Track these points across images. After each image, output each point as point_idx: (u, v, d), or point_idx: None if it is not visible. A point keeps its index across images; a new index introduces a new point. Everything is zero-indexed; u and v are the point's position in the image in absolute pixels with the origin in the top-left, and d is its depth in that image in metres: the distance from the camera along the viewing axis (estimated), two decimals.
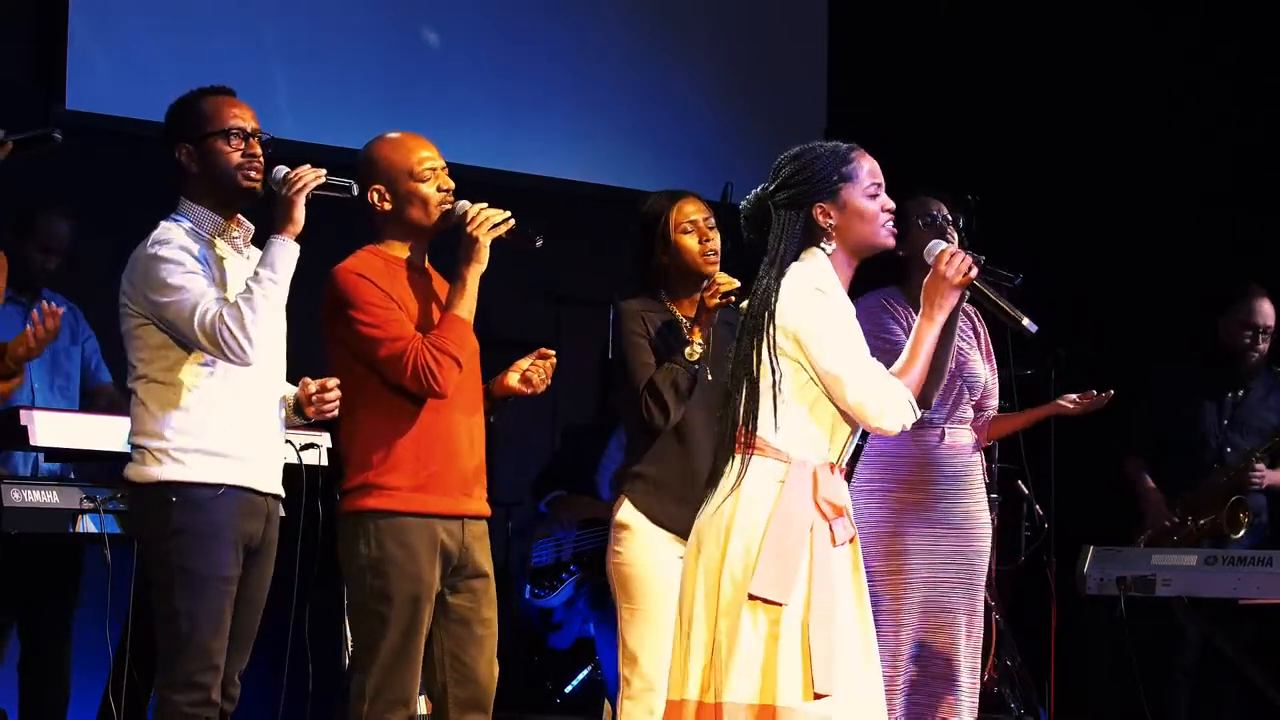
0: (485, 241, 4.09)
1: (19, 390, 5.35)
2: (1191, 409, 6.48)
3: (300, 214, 4.03)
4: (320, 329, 4.19)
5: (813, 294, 3.55)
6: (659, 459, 4.54)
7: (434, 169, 4.15)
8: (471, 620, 4.18)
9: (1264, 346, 6.41)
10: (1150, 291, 7.42)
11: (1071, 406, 5.32)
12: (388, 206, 4.16)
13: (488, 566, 4.22)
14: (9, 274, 5.66)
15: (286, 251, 4.02)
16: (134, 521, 4.17)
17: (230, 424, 4.05)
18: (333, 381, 4.18)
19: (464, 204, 4.14)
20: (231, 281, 4.06)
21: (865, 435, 3.90)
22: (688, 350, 4.48)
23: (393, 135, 4.22)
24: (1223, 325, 6.43)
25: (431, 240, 4.23)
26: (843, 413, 3.56)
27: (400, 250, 4.18)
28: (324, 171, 4.08)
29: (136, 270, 4.05)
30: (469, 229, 4.10)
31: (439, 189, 4.14)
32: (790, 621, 3.47)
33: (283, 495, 4.24)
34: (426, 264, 4.25)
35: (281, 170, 4.07)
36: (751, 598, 3.48)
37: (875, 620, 3.71)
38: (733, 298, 4.46)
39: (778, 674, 3.46)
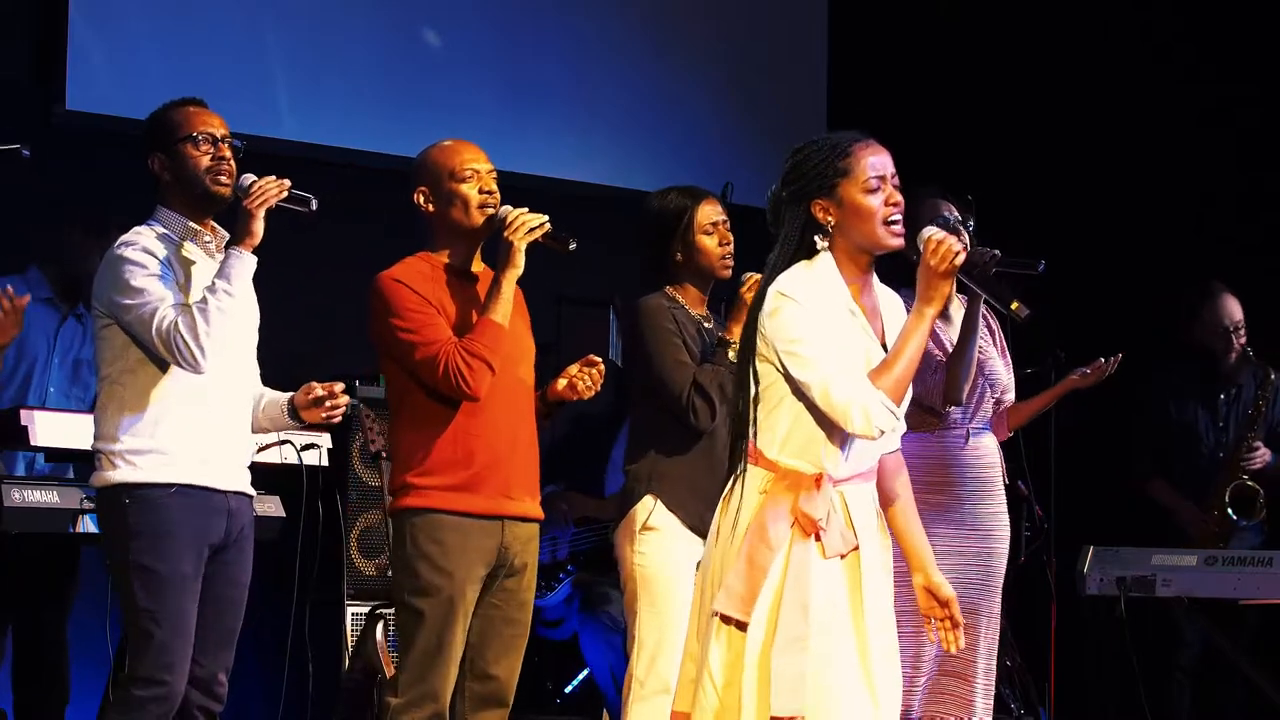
0: (520, 246, 4.18)
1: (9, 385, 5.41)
2: (1189, 415, 6.51)
3: (259, 227, 4.13)
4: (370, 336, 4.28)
5: (779, 300, 3.44)
6: (689, 460, 4.53)
7: (476, 171, 4.26)
8: (497, 619, 4.24)
9: (1240, 342, 6.45)
10: (1150, 292, 7.41)
11: (1081, 380, 5.33)
12: (431, 208, 4.27)
13: (528, 568, 4.28)
14: (57, 275, 5.66)
15: (242, 264, 4.11)
16: (99, 525, 4.23)
17: (185, 425, 4.11)
18: (339, 386, 4.28)
19: (506, 208, 4.24)
20: (197, 285, 4.12)
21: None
22: (731, 352, 4.47)
23: (445, 142, 4.34)
24: (1196, 330, 6.48)
25: (479, 245, 4.31)
26: (822, 419, 3.44)
27: (446, 255, 4.28)
28: (287, 184, 4.17)
29: (103, 272, 4.14)
30: (505, 234, 4.20)
31: (480, 190, 4.24)
32: (754, 641, 3.38)
33: (249, 493, 4.26)
34: (475, 267, 4.31)
35: (248, 179, 4.17)
36: (716, 614, 3.41)
37: (899, 621, 3.59)
38: None
39: (740, 693, 3.36)
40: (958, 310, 4.83)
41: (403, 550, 4.17)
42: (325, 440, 5.37)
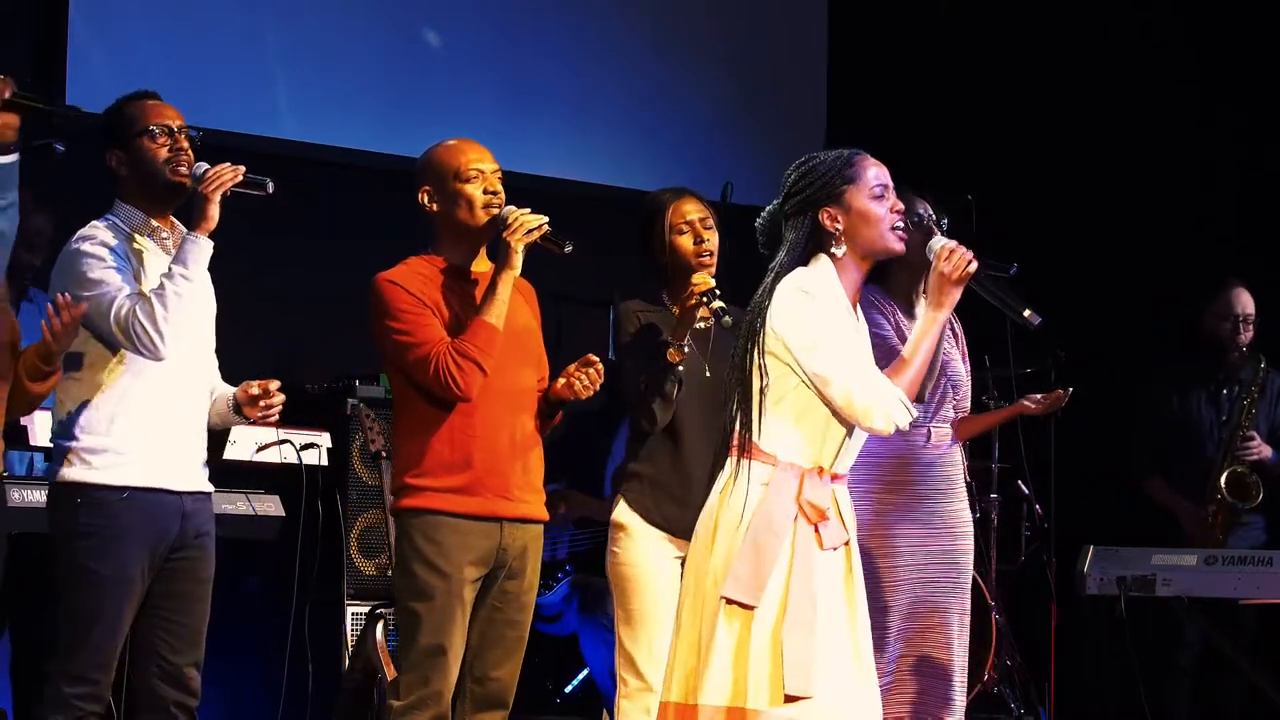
0: (516, 247, 4.17)
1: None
2: (1191, 411, 6.51)
3: (215, 211, 4.10)
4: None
5: (799, 296, 3.55)
6: (655, 459, 4.56)
7: (481, 171, 4.25)
8: (498, 621, 4.24)
9: (1247, 335, 6.46)
10: (1150, 292, 7.42)
11: (1034, 406, 5.30)
12: (435, 207, 4.26)
13: (528, 570, 4.27)
14: None
15: (199, 249, 4.09)
16: (49, 519, 4.20)
17: (141, 424, 4.10)
18: (274, 384, 4.27)
19: (509, 208, 4.23)
20: (152, 279, 4.11)
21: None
22: (669, 353, 4.48)
23: (450, 141, 4.32)
24: (1205, 319, 6.50)
25: (482, 245, 4.30)
26: (836, 415, 3.55)
27: (448, 255, 4.27)
28: (242, 169, 4.15)
29: (59, 267, 4.14)
30: (504, 235, 4.20)
31: (485, 190, 4.23)
32: (762, 624, 3.46)
33: (207, 490, 4.25)
34: (478, 267, 4.29)
35: (202, 166, 4.15)
36: (724, 599, 3.48)
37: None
38: (705, 299, 4.46)
39: (749, 676, 3.44)
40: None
41: (401, 551, 4.18)
42: (325, 440, 5.37)
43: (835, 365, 3.52)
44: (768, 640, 3.45)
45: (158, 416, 4.12)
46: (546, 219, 4.22)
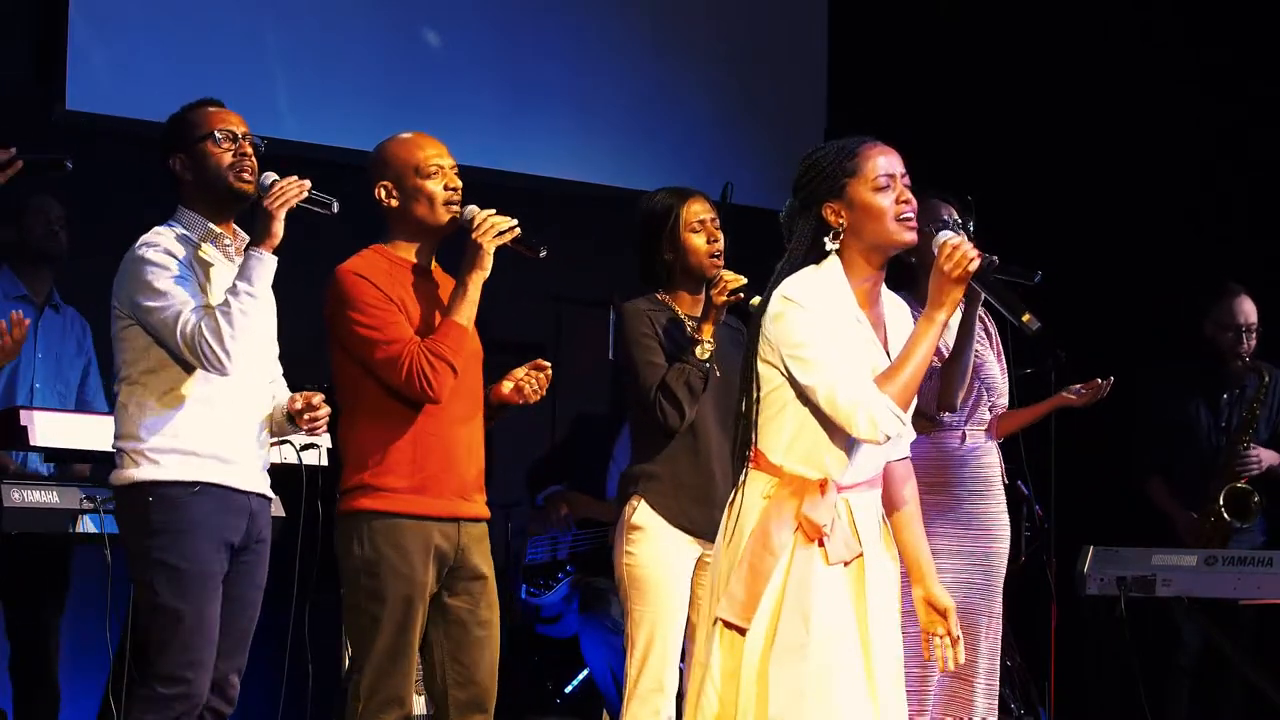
0: (489, 249, 4.10)
1: None
2: (1190, 414, 6.50)
3: (279, 228, 4.07)
4: (325, 326, 4.21)
5: (784, 304, 3.41)
6: (673, 459, 4.54)
7: (440, 166, 4.17)
8: (470, 622, 4.19)
9: (1250, 344, 6.43)
10: (1151, 292, 7.41)
11: (1075, 398, 5.31)
12: (394, 203, 4.18)
13: (486, 568, 4.22)
14: (21, 270, 5.68)
15: (263, 265, 4.06)
16: (119, 524, 4.19)
17: (207, 425, 4.09)
18: (318, 398, 4.24)
19: (473, 209, 4.16)
20: (216, 289, 4.10)
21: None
22: (699, 349, 4.48)
23: (405, 135, 4.25)
24: (1206, 326, 6.48)
25: (439, 242, 4.24)
26: (827, 424, 3.41)
27: (406, 251, 4.20)
28: (308, 184, 4.13)
29: (124, 273, 4.11)
30: (474, 235, 4.11)
31: (445, 187, 4.16)
32: (753, 647, 3.36)
33: (269, 495, 4.25)
34: (433, 266, 4.25)
35: (270, 177, 4.13)
36: (718, 620, 3.39)
37: (905, 621, 3.56)
38: (741, 294, 4.47)
39: (738, 699, 3.34)
40: (955, 314, 4.82)
41: (359, 552, 4.09)
42: (325, 440, 5.36)
43: (820, 374, 3.37)
44: (757, 665, 3.34)
45: (222, 421, 4.12)
46: (516, 221, 4.15)
